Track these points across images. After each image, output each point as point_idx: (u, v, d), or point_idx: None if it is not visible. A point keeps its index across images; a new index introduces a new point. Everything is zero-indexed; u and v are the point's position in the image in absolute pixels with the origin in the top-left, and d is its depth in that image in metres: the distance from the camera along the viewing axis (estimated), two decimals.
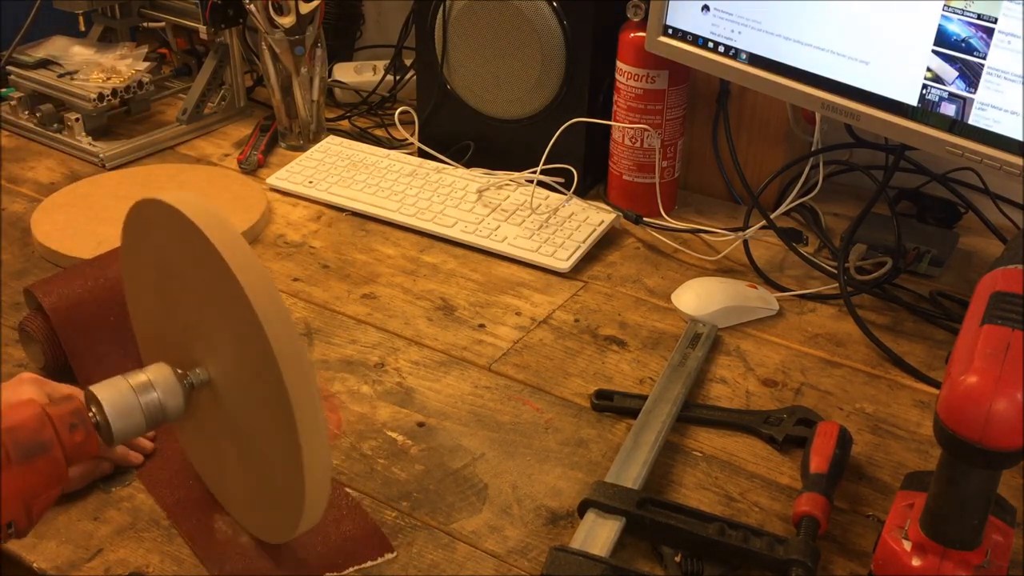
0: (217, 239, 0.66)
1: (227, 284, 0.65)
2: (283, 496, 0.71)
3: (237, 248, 0.66)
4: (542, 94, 1.28)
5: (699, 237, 1.23)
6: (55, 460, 0.67)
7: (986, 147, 0.93)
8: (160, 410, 0.72)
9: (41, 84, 1.43)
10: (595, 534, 0.79)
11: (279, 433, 0.67)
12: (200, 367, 0.73)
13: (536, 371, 1.01)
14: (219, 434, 0.76)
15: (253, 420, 0.71)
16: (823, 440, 0.87)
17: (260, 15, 1.34)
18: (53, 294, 0.96)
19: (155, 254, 0.76)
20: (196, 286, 0.71)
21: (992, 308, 0.68)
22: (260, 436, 0.70)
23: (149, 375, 0.72)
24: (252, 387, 0.69)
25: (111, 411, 0.70)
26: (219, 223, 0.67)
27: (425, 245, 1.22)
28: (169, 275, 0.75)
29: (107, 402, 0.70)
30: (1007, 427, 0.63)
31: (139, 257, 0.79)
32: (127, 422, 0.70)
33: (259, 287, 0.64)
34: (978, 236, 1.23)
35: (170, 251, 0.73)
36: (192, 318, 0.73)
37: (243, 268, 0.65)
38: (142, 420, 0.71)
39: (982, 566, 0.70)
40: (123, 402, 0.70)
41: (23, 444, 0.65)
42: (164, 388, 0.72)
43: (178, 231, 0.69)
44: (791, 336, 1.07)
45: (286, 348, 0.64)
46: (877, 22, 0.98)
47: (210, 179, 1.32)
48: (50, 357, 0.96)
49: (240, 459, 0.75)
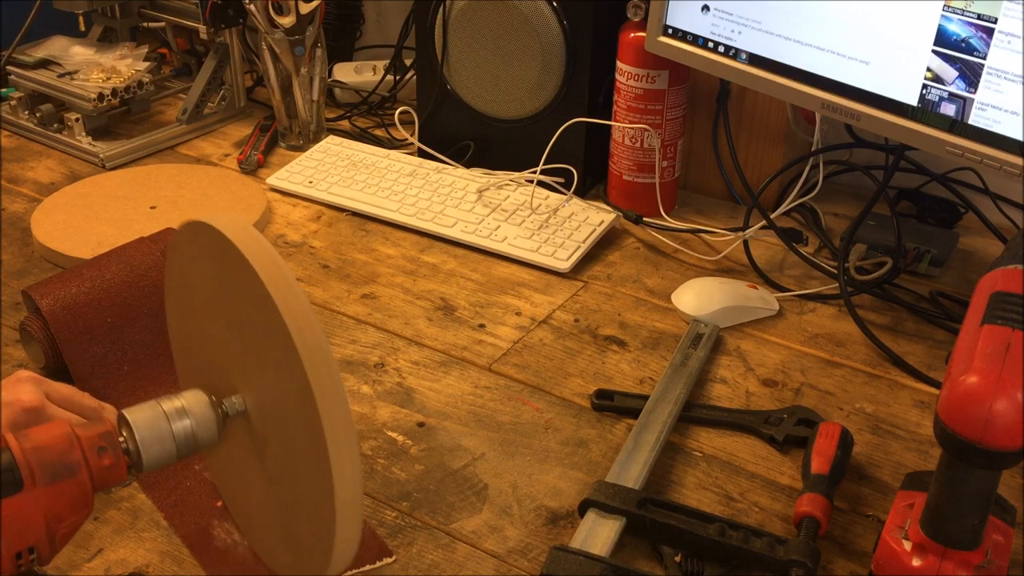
0: (261, 268, 0.63)
1: (269, 315, 0.63)
2: (310, 540, 0.68)
3: (281, 279, 0.63)
4: (542, 94, 1.28)
5: (699, 237, 1.23)
6: (81, 484, 0.64)
7: (986, 147, 0.93)
8: (192, 438, 0.69)
9: (41, 84, 1.43)
10: (595, 534, 0.79)
11: (311, 473, 0.64)
12: (237, 395, 0.70)
13: (536, 371, 1.01)
14: (250, 466, 0.73)
15: (285, 455, 0.68)
16: (824, 441, 0.87)
17: (260, 15, 1.34)
18: (50, 296, 0.96)
19: (199, 277, 0.74)
20: (238, 314, 0.69)
21: (992, 308, 0.68)
22: (291, 472, 0.68)
23: (184, 401, 0.69)
24: (287, 422, 0.67)
25: (142, 437, 0.67)
26: (265, 251, 0.64)
27: (425, 245, 1.22)
28: (212, 299, 0.73)
29: (138, 427, 0.67)
30: (1007, 427, 0.63)
31: (183, 278, 0.77)
32: (158, 449, 0.67)
33: (301, 321, 0.62)
34: (978, 236, 1.23)
35: (215, 276, 0.71)
36: (232, 345, 0.71)
37: (286, 300, 0.62)
38: (173, 448, 0.68)
39: (982, 566, 0.70)
40: (155, 428, 0.67)
41: (49, 465, 0.63)
42: (198, 416, 0.69)
43: (223, 256, 0.67)
44: (791, 336, 1.07)
45: (325, 386, 0.62)
46: (877, 22, 0.98)
47: (210, 179, 1.32)
48: (50, 357, 0.96)
49: (269, 494, 0.72)
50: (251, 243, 0.65)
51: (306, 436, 0.63)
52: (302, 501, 0.67)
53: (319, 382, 0.62)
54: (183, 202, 1.26)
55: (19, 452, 0.62)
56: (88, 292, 0.97)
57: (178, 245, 0.76)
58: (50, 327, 0.95)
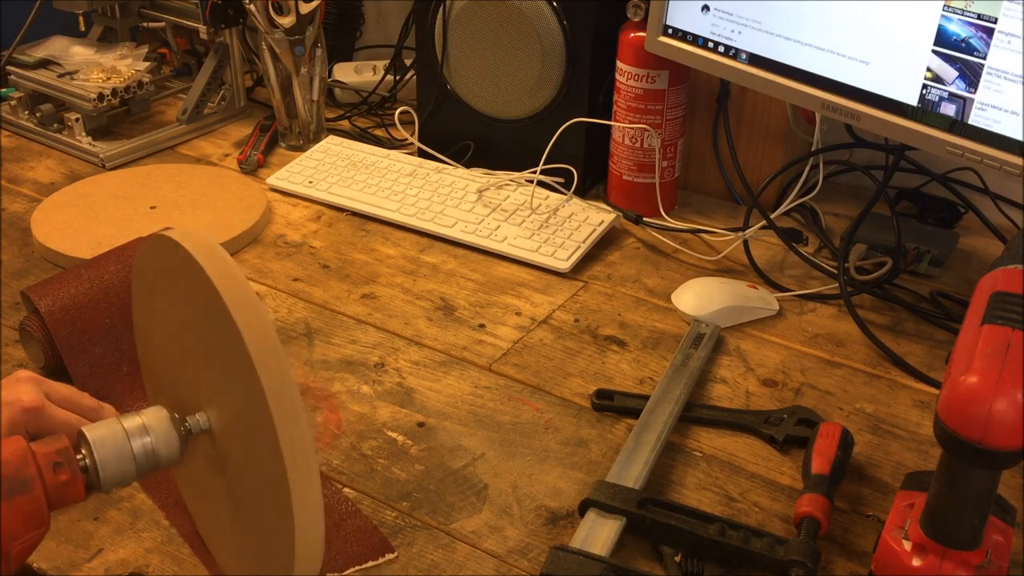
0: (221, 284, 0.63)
1: (229, 332, 0.62)
2: (271, 557, 0.67)
3: (241, 295, 0.63)
4: (542, 94, 1.28)
5: (699, 237, 1.23)
6: (36, 500, 0.63)
7: (986, 147, 0.93)
8: (153, 456, 0.68)
9: (41, 84, 1.43)
10: (595, 534, 0.79)
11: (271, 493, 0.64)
12: (201, 412, 0.70)
13: (536, 371, 1.01)
14: (213, 483, 0.73)
15: (246, 474, 0.68)
16: (825, 441, 0.87)
17: (260, 15, 1.34)
18: (48, 296, 0.96)
19: (164, 291, 0.73)
20: (201, 330, 0.68)
21: (992, 308, 0.68)
22: (251, 491, 0.67)
23: (145, 419, 0.68)
24: (247, 440, 0.66)
25: (101, 455, 0.66)
26: (224, 265, 0.64)
27: (425, 245, 1.22)
28: (177, 315, 0.72)
29: (97, 445, 0.66)
30: (1007, 427, 0.63)
31: (149, 293, 0.76)
32: (117, 466, 0.66)
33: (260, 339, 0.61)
34: (978, 236, 1.23)
35: (178, 290, 0.70)
36: (197, 362, 0.70)
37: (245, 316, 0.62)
38: (133, 467, 0.67)
39: (982, 566, 0.70)
40: (114, 446, 0.66)
41: (3, 480, 0.62)
42: (159, 434, 0.68)
43: (186, 272, 0.66)
44: (791, 336, 1.07)
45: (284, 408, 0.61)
46: (877, 22, 0.98)
47: (210, 179, 1.32)
48: (50, 357, 0.96)
49: (233, 512, 0.72)
50: (214, 260, 0.64)
51: (266, 456, 0.62)
52: (262, 520, 0.66)
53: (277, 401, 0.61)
54: (183, 202, 1.26)
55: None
56: (87, 293, 0.97)
57: (143, 259, 0.74)
58: (48, 328, 0.95)
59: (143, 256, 0.75)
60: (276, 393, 0.61)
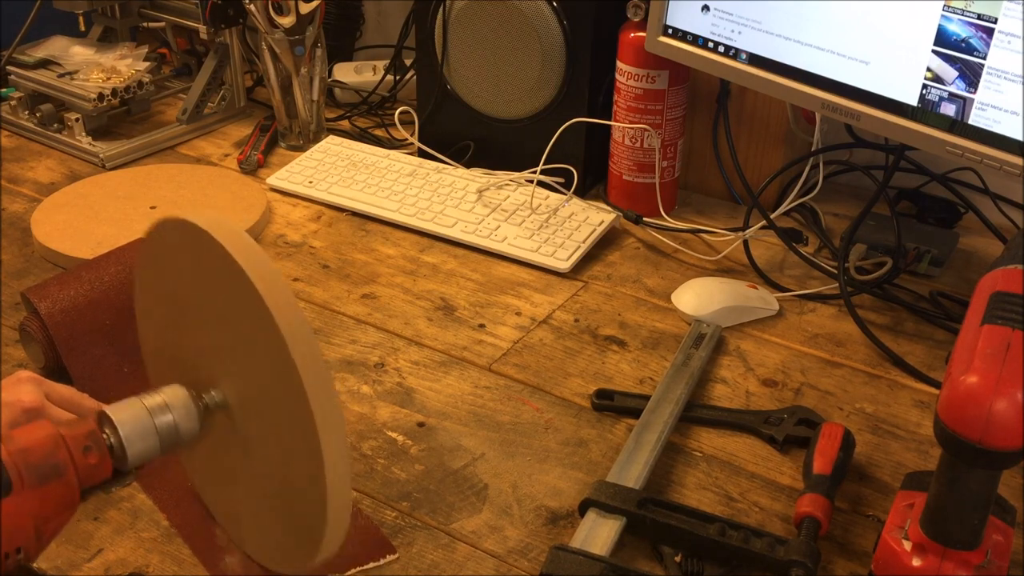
0: (245, 261, 0.64)
1: (252, 306, 0.64)
2: (300, 525, 0.68)
3: (265, 271, 0.64)
4: (542, 94, 1.28)
5: (699, 237, 1.23)
6: (68, 484, 0.64)
7: (986, 147, 0.93)
8: (175, 432, 0.69)
9: (41, 84, 1.43)
10: (595, 533, 0.79)
11: (300, 459, 0.65)
12: (216, 389, 0.71)
13: (536, 371, 1.01)
14: (231, 458, 0.73)
15: (270, 443, 0.69)
16: (827, 441, 0.87)
17: (260, 15, 1.34)
18: (48, 298, 0.96)
19: (176, 273, 0.74)
20: (218, 307, 0.69)
21: (992, 308, 0.68)
22: (277, 460, 0.69)
23: (165, 397, 0.70)
24: (273, 411, 0.67)
25: (126, 433, 0.67)
26: (246, 245, 0.65)
27: (425, 245, 1.22)
28: (189, 295, 0.73)
29: (121, 424, 0.67)
30: (1007, 427, 0.63)
31: (157, 276, 0.77)
32: (142, 445, 0.68)
33: (286, 310, 0.63)
34: (978, 236, 1.23)
35: (192, 271, 0.71)
36: (211, 339, 0.71)
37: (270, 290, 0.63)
38: (156, 443, 0.68)
39: (982, 566, 0.70)
40: (138, 424, 0.68)
41: (36, 467, 0.63)
42: (180, 410, 0.69)
43: (202, 251, 0.67)
44: (791, 336, 1.07)
45: (313, 374, 0.62)
46: (877, 22, 0.98)
47: (210, 179, 1.32)
48: (50, 357, 0.96)
49: (253, 485, 0.73)
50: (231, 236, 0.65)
51: (292, 420, 0.64)
52: (289, 487, 0.68)
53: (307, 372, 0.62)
54: (183, 202, 1.26)
55: (6, 455, 0.62)
56: (87, 294, 0.97)
57: (152, 243, 0.75)
58: (48, 329, 0.95)
59: (152, 240, 0.75)
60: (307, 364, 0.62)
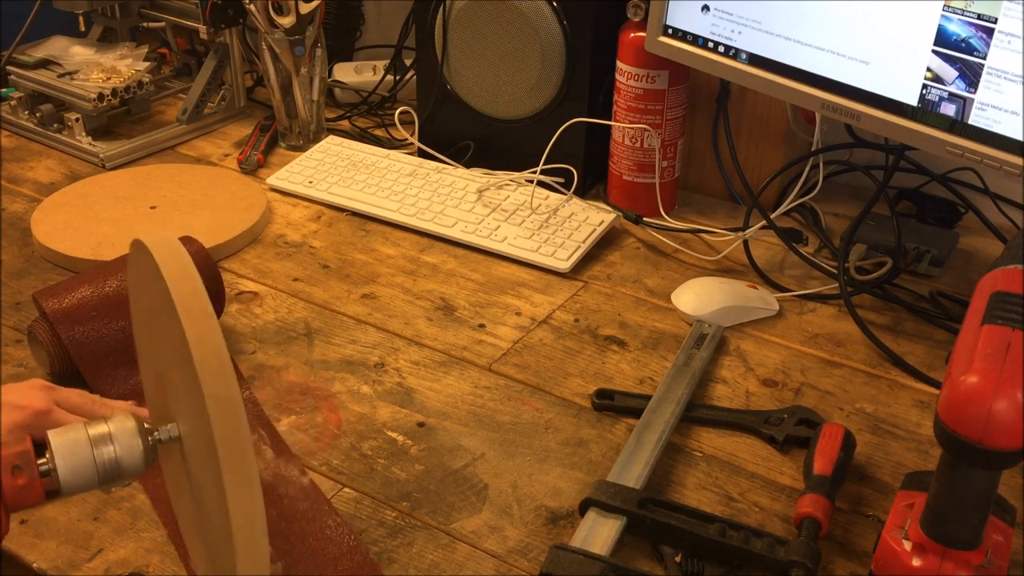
0: (176, 289, 0.62)
1: (182, 341, 0.62)
2: (224, 569, 0.66)
3: (194, 303, 0.62)
4: (542, 94, 1.28)
5: (699, 237, 1.23)
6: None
7: (986, 147, 0.93)
8: (116, 465, 0.67)
9: (41, 84, 1.43)
10: (595, 533, 0.79)
11: (217, 502, 0.63)
12: (172, 423, 0.69)
13: (536, 371, 1.01)
14: (184, 492, 0.72)
15: (202, 483, 0.67)
16: (828, 442, 0.87)
17: (260, 15, 1.34)
18: (58, 303, 0.96)
19: (143, 297, 0.73)
20: (168, 337, 0.67)
21: (992, 308, 0.68)
22: (206, 498, 0.67)
23: (111, 427, 0.68)
24: (201, 452, 0.65)
25: (61, 461, 0.65)
26: (184, 271, 0.63)
27: (425, 245, 1.22)
28: (152, 321, 0.72)
29: (58, 450, 0.65)
30: (1007, 427, 0.63)
31: (136, 299, 0.76)
32: (78, 474, 0.66)
33: (207, 351, 0.60)
34: (978, 236, 1.23)
35: (150, 297, 0.70)
36: (168, 370, 0.70)
37: (194, 327, 0.61)
38: (94, 474, 0.66)
39: (982, 566, 0.70)
40: (76, 452, 0.66)
41: None
42: (123, 443, 0.67)
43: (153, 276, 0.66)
44: (791, 336, 1.07)
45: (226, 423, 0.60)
46: (877, 22, 0.98)
47: (210, 179, 1.32)
48: (55, 362, 0.96)
49: (198, 519, 0.71)
50: (171, 259, 0.63)
51: (212, 468, 0.62)
52: (214, 529, 0.66)
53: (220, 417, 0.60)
54: (183, 202, 1.26)
55: None
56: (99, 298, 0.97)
57: (130, 265, 0.74)
58: (59, 334, 0.94)
59: (130, 262, 0.74)
60: (219, 413, 0.60)
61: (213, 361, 0.60)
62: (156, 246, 0.65)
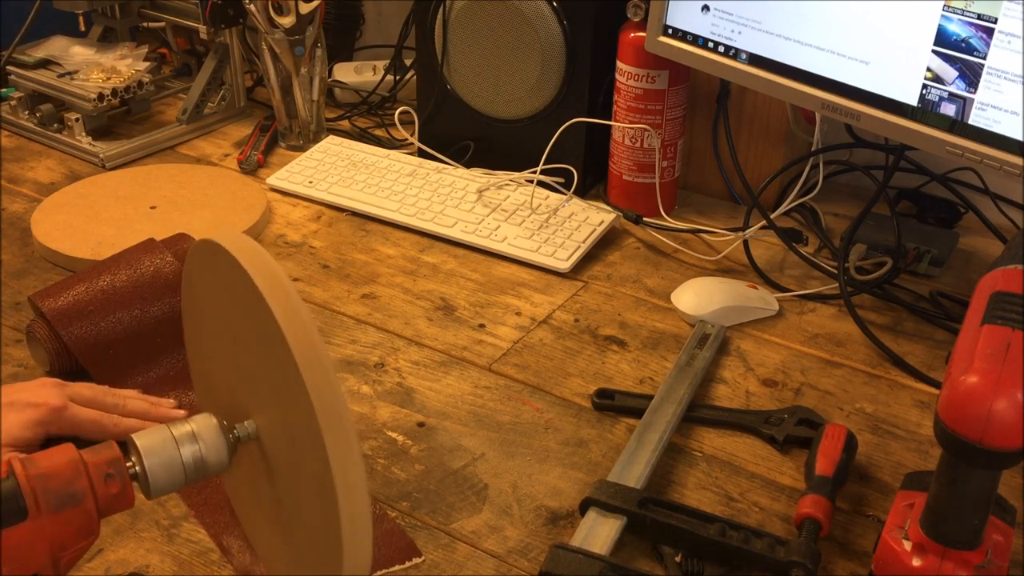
0: (267, 289, 0.62)
1: (275, 341, 0.62)
2: (323, 564, 0.66)
3: (287, 302, 0.62)
4: (542, 94, 1.28)
5: (699, 237, 1.23)
6: (87, 512, 0.62)
7: (986, 147, 0.93)
8: (202, 464, 0.67)
9: (41, 84, 1.43)
10: (595, 532, 0.79)
11: (320, 501, 0.63)
12: (249, 420, 0.69)
13: (536, 371, 1.01)
14: (262, 490, 0.73)
15: (294, 481, 0.67)
16: (830, 443, 0.86)
17: (260, 15, 1.34)
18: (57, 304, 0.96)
19: (211, 298, 0.73)
20: (248, 335, 0.68)
21: (992, 308, 0.68)
22: (300, 498, 0.67)
23: (194, 426, 0.68)
24: (294, 446, 0.66)
25: (150, 463, 0.65)
26: (270, 271, 0.63)
27: (425, 245, 1.22)
28: (224, 322, 0.72)
29: (147, 453, 0.66)
30: (1007, 427, 0.63)
31: (197, 298, 0.76)
32: (166, 475, 0.66)
33: (305, 344, 0.61)
34: (978, 236, 1.23)
35: (225, 297, 0.70)
36: (244, 369, 0.70)
37: (291, 325, 0.61)
38: (182, 474, 0.67)
39: (982, 566, 0.70)
40: (164, 454, 0.66)
41: (54, 493, 0.61)
42: (208, 441, 0.68)
43: (231, 277, 0.66)
44: (791, 336, 1.07)
45: (331, 418, 0.60)
46: (877, 22, 0.98)
47: (210, 179, 1.32)
48: (55, 361, 0.96)
49: (280, 518, 0.72)
50: (260, 266, 0.64)
51: (313, 466, 0.62)
52: (310, 528, 0.66)
53: (324, 407, 0.60)
54: (183, 202, 1.26)
55: (24, 479, 0.61)
56: (98, 296, 0.97)
57: (191, 263, 0.75)
58: (62, 339, 0.94)
59: (191, 260, 0.75)
60: (324, 405, 0.60)
61: (312, 354, 0.61)
62: (234, 245, 0.65)
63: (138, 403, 0.89)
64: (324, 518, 0.63)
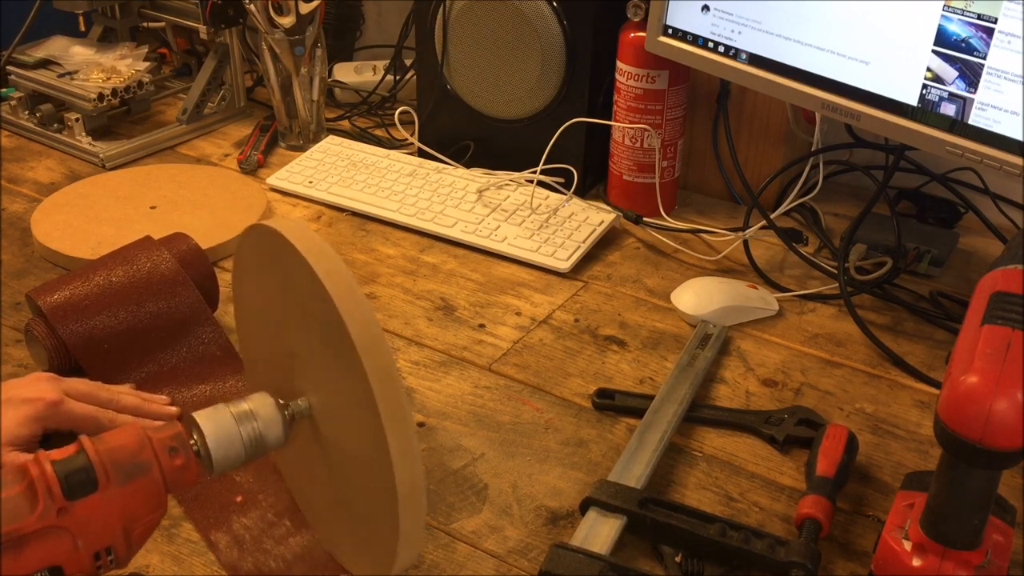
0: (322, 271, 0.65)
1: (330, 317, 0.64)
2: (379, 534, 0.69)
3: (342, 282, 0.65)
4: (542, 94, 1.28)
5: (699, 237, 1.23)
6: (154, 482, 0.65)
7: (986, 147, 0.93)
8: (260, 440, 0.70)
9: (41, 84, 1.43)
10: (596, 532, 0.79)
11: (375, 472, 0.65)
12: (302, 397, 0.72)
13: (536, 371, 1.01)
14: (315, 463, 0.75)
15: (348, 454, 0.70)
16: (832, 443, 0.86)
17: (260, 15, 1.34)
18: (55, 299, 0.96)
19: (264, 282, 0.75)
20: (301, 316, 0.70)
21: (992, 308, 0.68)
22: (355, 471, 0.70)
23: (251, 404, 0.70)
24: (349, 422, 0.68)
25: (212, 439, 0.68)
26: (325, 254, 0.66)
27: (425, 245, 1.22)
28: (277, 302, 0.74)
29: (208, 430, 0.68)
30: (1007, 427, 0.63)
31: (249, 281, 0.79)
32: (227, 451, 0.69)
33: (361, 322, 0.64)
34: (978, 236, 1.23)
35: (278, 279, 0.72)
36: (297, 347, 0.72)
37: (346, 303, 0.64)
38: (241, 450, 0.69)
39: (982, 566, 0.70)
40: (224, 431, 0.69)
41: (122, 464, 0.64)
42: (265, 418, 0.70)
43: (284, 260, 0.68)
44: (791, 336, 1.07)
45: (385, 388, 0.63)
46: (877, 22, 0.98)
47: (210, 179, 1.32)
48: (54, 359, 0.96)
49: (334, 490, 0.74)
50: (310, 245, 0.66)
51: (368, 437, 0.64)
52: (366, 497, 0.69)
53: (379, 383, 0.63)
54: (183, 202, 1.26)
55: (93, 453, 0.63)
56: (96, 294, 0.97)
57: (243, 249, 0.77)
58: (60, 335, 0.95)
59: (243, 246, 0.77)
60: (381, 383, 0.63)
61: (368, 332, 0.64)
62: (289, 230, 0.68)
63: (131, 399, 0.90)
64: (379, 493, 0.65)
